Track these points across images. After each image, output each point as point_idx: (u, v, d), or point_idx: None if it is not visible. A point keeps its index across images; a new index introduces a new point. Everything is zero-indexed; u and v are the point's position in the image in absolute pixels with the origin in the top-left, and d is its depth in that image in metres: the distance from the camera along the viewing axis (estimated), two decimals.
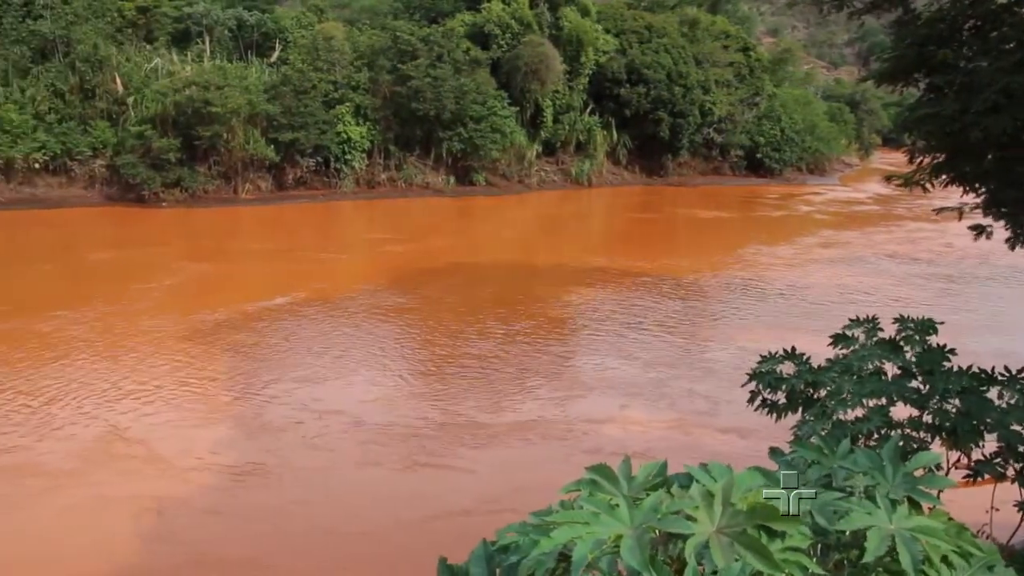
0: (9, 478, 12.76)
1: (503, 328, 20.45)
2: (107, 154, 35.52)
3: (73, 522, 11.62)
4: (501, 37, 42.19)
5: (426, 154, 40.80)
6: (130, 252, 28.27)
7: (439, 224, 35.81)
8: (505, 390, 16.70)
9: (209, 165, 36.39)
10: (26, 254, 28.04)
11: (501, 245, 32.08)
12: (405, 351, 19.00)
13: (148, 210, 34.47)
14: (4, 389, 16.06)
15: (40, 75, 36.34)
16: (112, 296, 22.41)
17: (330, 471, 13.30)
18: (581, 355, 19.20)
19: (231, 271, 26.37)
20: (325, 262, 27.88)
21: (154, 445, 13.92)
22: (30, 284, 24.16)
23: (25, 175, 34.54)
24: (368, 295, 23.20)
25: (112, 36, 38.56)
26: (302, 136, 36.91)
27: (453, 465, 13.59)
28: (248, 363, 17.81)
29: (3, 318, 20.47)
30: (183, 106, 35.31)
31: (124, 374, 16.89)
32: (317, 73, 38.29)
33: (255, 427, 14.68)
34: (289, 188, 37.75)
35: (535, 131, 43.69)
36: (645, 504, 2.34)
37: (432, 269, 26.52)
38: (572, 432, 14.75)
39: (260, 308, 21.55)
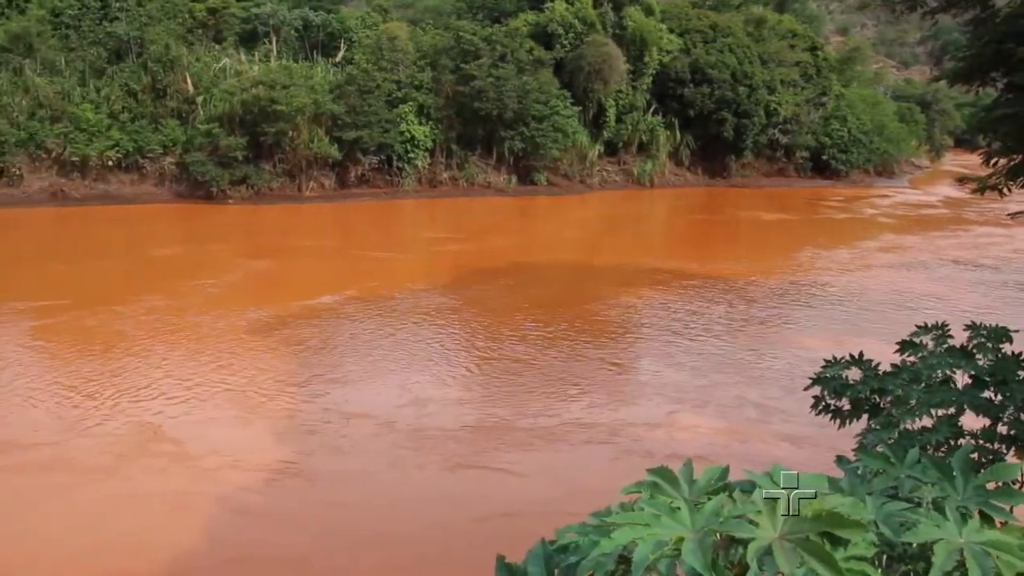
0: (41, 473, 12.96)
1: (553, 329, 20.34)
2: (177, 152, 36.43)
3: (105, 518, 11.73)
4: (564, 37, 42.12)
5: (488, 153, 40.94)
6: (191, 248, 28.89)
7: (498, 223, 35.89)
8: (552, 392, 16.59)
9: (274, 163, 37.06)
10: (94, 249, 28.88)
11: (559, 245, 32.03)
12: (451, 352, 18.94)
13: (215, 207, 35.23)
14: (43, 383, 16.49)
15: (115, 75, 37.47)
16: (166, 292, 22.86)
17: (369, 472, 13.26)
18: (631, 358, 19.00)
19: (286, 269, 26.74)
20: (381, 261, 28.10)
21: (190, 443, 13.99)
22: (92, 278, 24.87)
23: (99, 172, 35.60)
24: (418, 295, 23.25)
25: (183, 37, 39.52)
26: (365, 135, 37.33)
27: (498, 467, 13.55)
28: (289, 362, 17.91)
29: (58, 311, 21.09)
30: (250, 105, 36.00)
31: (167, 370, 17.10)
32: (381, 73, 38.69)
33: (293, 427, 14.70)
34: (352, 186, 38.22)
35: (597, 131, 43.53)
36: (707, 508, 2.30)
37: (488, 269, 26.56)
38: (618, 436, 14.61)
39: (308, 307, 21.75)
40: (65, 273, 25.54)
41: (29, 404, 15.43)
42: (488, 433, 14.61)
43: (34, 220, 33.42)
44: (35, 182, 35.01)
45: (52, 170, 35.24)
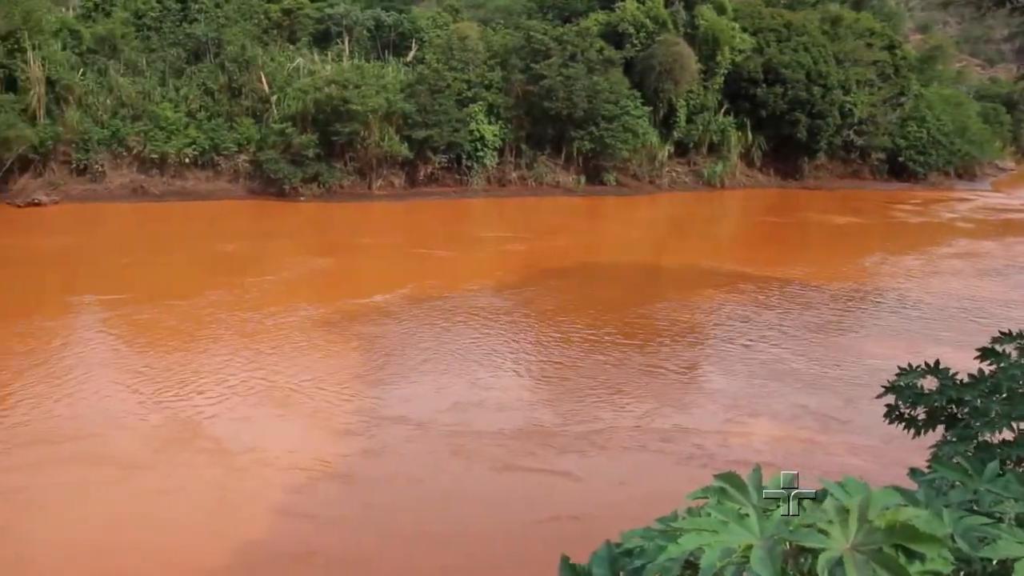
0: (81, 465, 13.26)
1: (609, 331, 20.17)
2: (251, 150, 37.20)
3: (144, 513, 11.92)
4: (635, 36, 41.82)
5: (557, 153, 40.88)
6: (256, 244, 29.41)
7: (564, 223, 35.77)
8: (605, 396, 16.46)
9: (345, 161, 37.58)
10: (164, 244, 29.67)
11: (624, 246, 31.80)
12: (500, 353, 18.82)
13: (287, 204, 35.87)
14: (89, 376, 16.91)
15: (193, 75, 38.46)
16: (224, 288, 23.32)
17: (416, 474, 13.26)
18: (687, 363, 18.73)
19: (345, 266, 27.05)
20: (440, 259, 28.21)
21: (230, 439, 14.18)
22: (157, 273, 25.52)
23: (176, 169, 36.57)
24: (473, 294, 23.23)
25: (258, 37, 40.36)
26: (435, 134, 37.61)
27: (552, 470, 13.48)
28: (335, 361, 18.01)
29: (118, 305, 21.74)
30: (322, 104, 36.58)
31: (212, 366, 17.45)
32: (451, 72, 38.95)
33: (337, 427, 14.75)
34: (421, 185, 38.54)
35: (668, 131, 43.11)
36: (776, 515, 2.26)
37: (548, 269, 26.48)
38: (675, 442, 14.43)
39: (361, 305, 21.92)
40: (132, 267, 26.33)
41: (76, 397, 15.92)
42: (539, 436, 14.53)
43: (113, 215, 34.52)
44: (116, 178, 36.13)
45: (133, 167, 36.33)
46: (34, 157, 35.36)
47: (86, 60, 37.96)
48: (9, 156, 34.36)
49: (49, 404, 15.53)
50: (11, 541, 11.27)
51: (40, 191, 34.86)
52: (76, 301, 22.54)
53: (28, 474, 12.96)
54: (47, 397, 15.82)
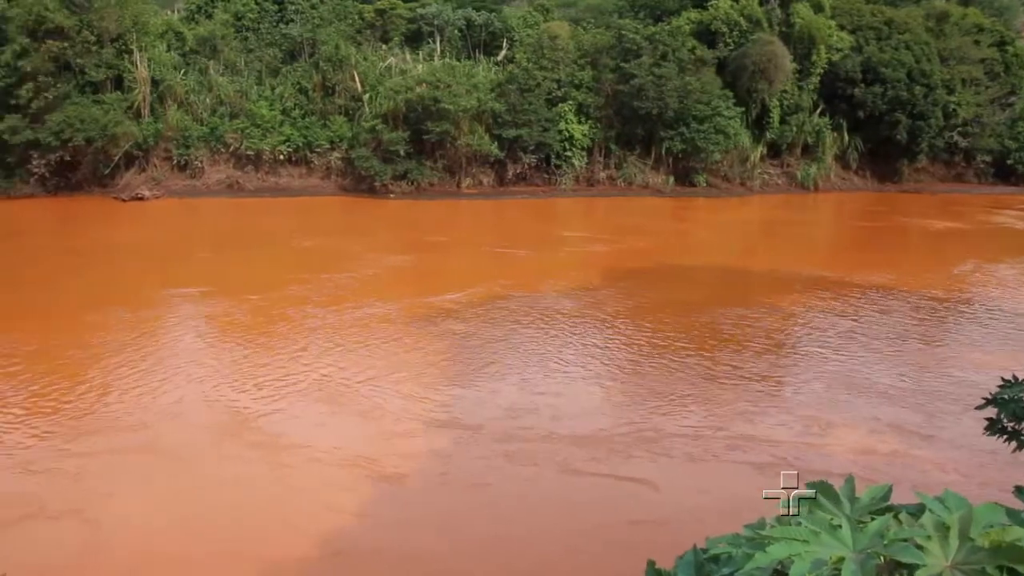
0: (142, 455, 13.54)
1: (686, 335, 19.71)
2: (343, 147, 37.87)
3: (201, 502, 12.10)
4: (728, 35, 41.06)
5: (647, 153, 40.41)
6: (340, 241, 29.82)
7: (651, 225, 35.26)
8: (678, 400, 16.08)
9: (435, 159, 37.90)
10: (251, 238, 30.44)
11: (710, 248, 31.20)
12: (568, 355, 18.52)
13: (376, 201, 36.35)
14: (156, 367, 17.24)
15: (288, 74, 39.37)
16: (300, 283, 23.70)
17: (480, 476, 13.10)
18: (764, 369, 18.10)
19: (423, 264, 27.16)
20: (519, 259, 28.11)
21: (281, 434, 14.28)
22: (239, 267, 26.28)
23: (271, 166, 37.47)
24: (546, 295, 22.97)
25: (352, 37, 41.06)
26: (525, 133, 37.63)
27: (624, 475, 13.20)
28: (397, 358, 17.99)
29: (195, 299, 22.39)
30: (414, 103, 36.99)
31: (277, 362, 17.63)
32: (541, 71, 38.92)
33: (392, 426, 14.70)
34: (510, 184, 38.60)
35: (760, 132, 42.17)
36: (870, 528, 2.19)
37: (629, 270, 26.13)
38: (746, 450, 13.99)
39: (431, 303, 21.93)
40: (217, 261, 27.17)
41: (142, 388, 16.29)
42: (607, 441, 14.23)
43: (208, 209, 35.62)
44: (214, 174, 37.23)
45: (229, 163, 37.40)
46: (138, 153, 36.73)
47: (188, 60, 39.25)
48: (116, 152, 35.76)
49: (116, 394, 16.02)
50: (84, 523, 11.64)
51: (143, 186, 36.16)
52: (158, 294, 23.25)
53: (95, 461, 13.36)
54: (114, 388, 16.31)
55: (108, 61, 36.52)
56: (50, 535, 11.38)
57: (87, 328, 19.90)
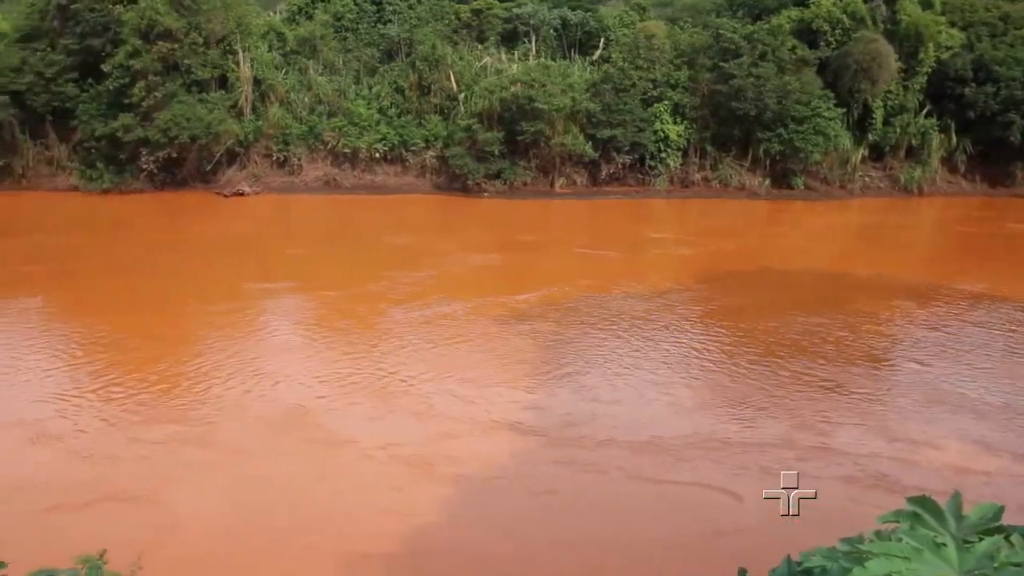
0: (202, 447, 13.79)
1: (766, 340, 19.10)
2: (438, 146, 38.20)
3: (256, 495, 12.22)
4: (830, 34, 39.94)
5: (743, 155, 39.60)
6: (428, 238, 30.08)
7: (744, 227, 34.48)
8: (758, 409, 15.58)
9: (529, 158, 37.90)
10: (342, 235, 31.12)
11: (802, 253, 30.29)
12: (638, 358, 18.12)
13: (469, 199, 36.54)
14: (225, 361, 17.53)
15: (385, 74, 39.93)
16: (382, 280, 24.03)
17: (546, 481, 12.87)
18: (850, 379, 17.39)
19: (507, 263, 27.10)
20: (601, 259, 27.84)
21: (344, 432, 14.37)
22: (325, 263, 26.77)
23: (367, 164, 38.06)
24: (624, 297, 22.66)
25: (448, 37, 41.39)
26: (619, 133, 37.32)
27: (697, 482, 12.86)
28: (463, 358, 17.94)
29: (274, 294, 22.82)
30: (508, 102, 37.06)
31: (343, 358, 17.79)
32: (637, 71, 38.56)
33: (449, 427, 14.59)
34: (603, 184, 38.32)
35: (861, 134, 40.88)
36: (978, 549, 2.05)
37: (715, 274, 25.56)
38: (831, 461, 13.45)
39: (506, 303, 21.84)
40: (305, 256, 27.78)
41: (208, 380, 16.61)
42: (682, 448, 13.87)
43: (305, 206, 36.41)
44: (312, 171, 38.00)
45: (327, 161, 38.12)
46: (239, 150, 37.75)
47: (289, 60, 40.20)
48: (219, 149, 36.81)
49: (186, 384, 16.51)
50: (154, 508, 12.02)
51: (244, 182, 37.15)
52: (246, 287, 23.80)
53: (160, 449, 13.78)
54: (185, 378, 16.81)
55: (213, 61, 37.66)
56: (122, 517, 11.67)
57: (172, 319, 20.66)
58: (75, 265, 25.89)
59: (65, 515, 11.60)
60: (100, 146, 37.18)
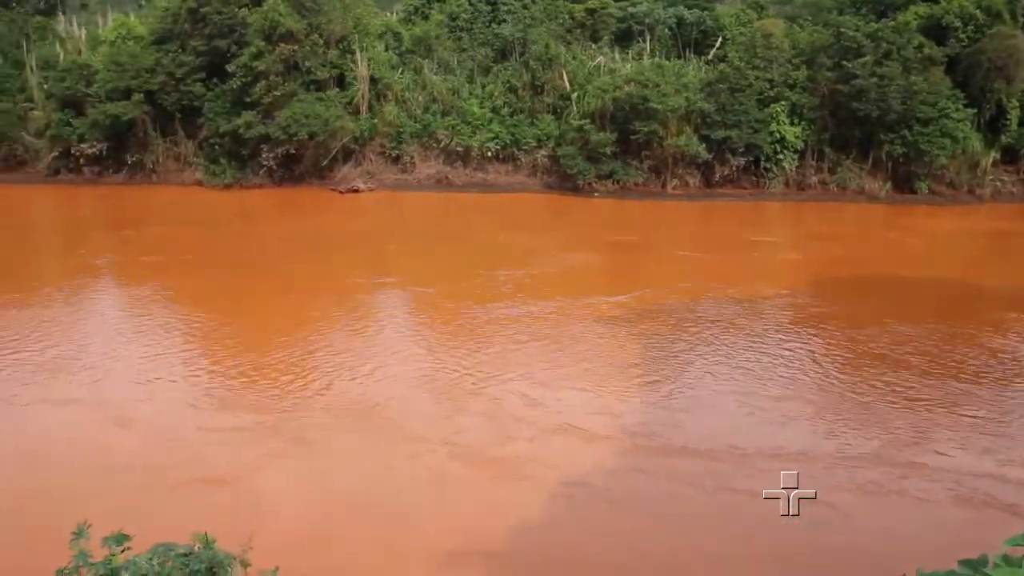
0: (275, 438, 14.01)
1: (865, 350, 18.19)
2: (549, 145, 38.16)
3: (339, 488, 12.31)
4: (962, 31, 38.13)
5: (863, 157, 38.17)
6: (532, 237, 29.91)
7: (859, 232, 33.02)
8: (871, 423, 14.92)
9: (641, 159, 37.48)
10: (448, 232, 31.52)
11: (922, 260, 28.79)
12: (722, 366, 17.50)
13: (580, 199, 36.38)
14: (310, 352, 17.84)
15: (498, 73, 40.15)
16: (478, 277, 24.15)
17: (646, 491, 12.52)
18: (954, 395, 16.40)
19: (605, 264, 26.79)
20: (698, 262, 27.28)
21: (417, 428, 14.39)
22: (425, 260, 27.25)
23: (479, 162, 38.34)
24: (716, 302, 21.94)
25: (562, 36, 41.31)
26: (734, 134, 36.55)
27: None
28: (541, 359, 17.69)
29: (373, 288, 23.24)
30: (621, 102, 36.74)
31: (423, 355, 17.87)
32: (753, 71, 37.67)
33: (537, 429, 14.38)
34: (716, 186, 37.58)
35: (994, 136, 38.86)
36: None
37: (821, 279, 24.73)
38: (945, 481, 12.75)
39: (594, 304, 21.56)
40: (408, 253, 28.39)
41: (289, 369, 16.89)
42: (781, 460, 13.34)
43: (416, 203, 36.99)
44: (425, 169, 38.55)
45: (439, 159, 38.59)
46: (355, 148, 38.58)
47: (404, 60, 40.88)
48: (335, 146, 37.72)
49: (272, 374, 16.95)
50: (243, 493, 12.41)
51: (359, 179, 37.96)
52: (343, 283, 24.23)
53: (243, 437, 14.19)
54: (272, 368, 17.26)
55: (332, 61, 38.60)
56: (210, 499, 11.96)
57: (271, 310, 21.32)
58: (190, 256, 26.98)
59: (155, 496, 11.93)
60: (223, 143, 38.61)
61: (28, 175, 40.42)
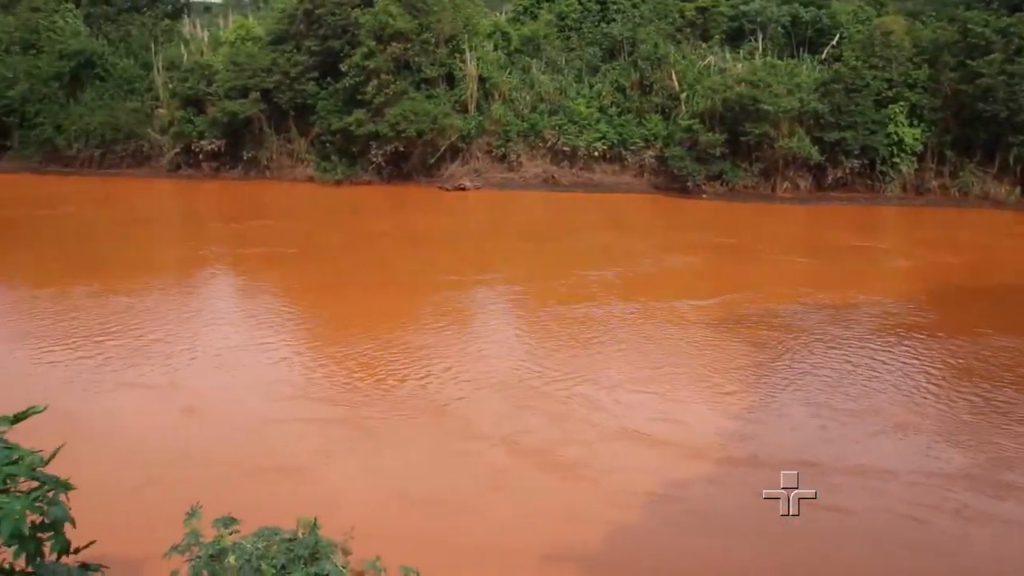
0: (353, 429, 14.20)
1: (968, 365, 17.14)
2: (657, 146, 37.72)
3: (413, 483, 12.34)
4: None
5: (988, 161, 36.36)
6: (631, 238, 29.64)
7: (978, 239, 30.98)
8: (947, 437, 14.07)
9: (751, 161, 36.69)
10: (547, 232, 31.44)
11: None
12: (806, 378, 16.73)
13: (687, 201, 35.84)
14: (384, 348, 17.88)
15: (607, 73, 39.93)
16: (568, 277, 24.00)
17: (694, 500, 12.12)
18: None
19: (699, 266, 26.14)
20: (796, 265, 26.48)
21: (486, 426, 14.29)
22: (518, 258, 27.34)
23: (585, 162, 38.23)
24: (812, 309, 21.08)
25: (672, 36, 40.75)
26: (849, 136, 35.38)
27: (916, 517, 11.71)
28: (616, 363, 17.30)
29: (457, 286, 23.13)
30: (731, 103, 36.00)
31: (491, 354, 17.69)
32: (871, 70, 36.33)
33: (606, 433, 14.08)
34: (828, 189, 36.45)
35: None
36: None
37: (928, 288, 23.55)
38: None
39: (676, 307, 20.94)
40: (505, 251, 28.68)
41: (363, 365, 16.97)
42: (841, 474, 12.71)
43: (520, 202, 37.16)
44: (531, 168, 38.65)
45: (546, 158, 38.62)
46: (462, 146, 38.97)
47: (513, 59, 41.04)
48: (443, 144, 38.18)
49: (350, 366, 17.18)
50: (319, 482, 12.50)
51: (465, 177, 38.34)
52: (437, 280, 24.29)
53: (312, 427, 14.47)
54: (352, 360, 17.44)
55: (441, 60, 39.10)
56: (279, 489, 12.13)
57: (361, 304, 21.72)
58: (293, 249, 27.70)
59: (227, 482, 12.11)
60: (335, 140, 39.55)
61: (152, 169, 42.26)
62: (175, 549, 5.36)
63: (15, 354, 17.95)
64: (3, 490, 3.43)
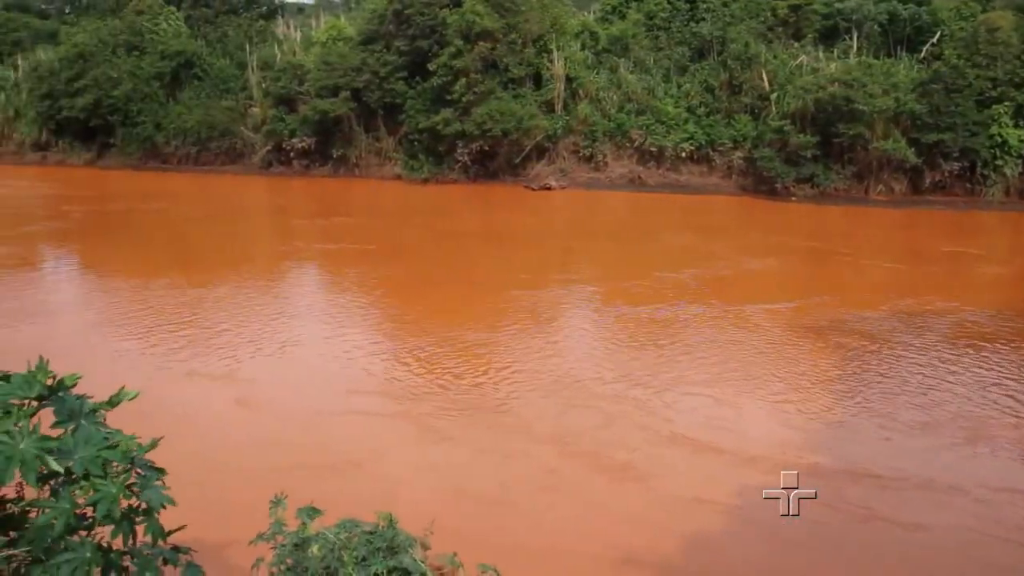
0: (417, 425, 14.14)
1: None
2: (746, 147, 37.06)
3: (469, 481, 12.25)
4: None
5: None
6: (712, 240, 28.89)
7: None
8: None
9: (843, 163, 35.75)
10: (630, 233, 31.13)
11: None
12: (888, 387, 15.84)
13: (775, 203, 35.11)
14: (443, 346, 17.76)
15: (695, 72, 39.45)
16: (640, 278, 23.47)
17: (749, 508, 11.57)
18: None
19: (775, 270, 25.21)
20: (887, 273, 25.17)
21: (544, 428, 14.04)
22: (592, 258, 27.07)
23: (672, 162, 37.81)
24: (887, 315, 20.05)
25: (762, 35, 40.01)
26: (948, 138, 34.16)
27: (929, 524, 11.15)
28: (678, 366, 16.83)
29: (535, 285, 22.94)
30: (824, 103, 35.14)
31: (577, 360, 17.25)
32: (974, 69, 34.99)
33: (649, 433, 13.80)
34: (925, 192, 35.24)
35: None
36: None
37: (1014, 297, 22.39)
38: None
39: (744, 312, 20.27)
40: (585, 251, 28.44)
41: (422, 362, 16.95)
42: (896, 484, 12.14)
43: (606, 202, 36.96)
44: (617, 168, 38.44)
45: (632, 158, 38.35)
46: (548, 146, 38.99)
47: (600, 59, 40.89)
48: (528, 143, 38.26)
49: (409, 363, 17.09)
50: (365, 475, 12.55)
51: (551, 177, 38.34)
52: (513, 278, 24.02)
53: (373, 422, 14.55)
54: (412, 356, 17.35)
55: (528, 60, 39.21)
56: (339, 484, 12.15)
57: (431, 302, 21.64)
58: (374, 246, 28.03)
59: (286, 474, 12.18)
60: (422, 139, 40.05)
61: (245, 166, 43.53)
62: (261, 537, 5.50)
63: (96, 340, 18.64)
64: (101, 475, 3.56)
